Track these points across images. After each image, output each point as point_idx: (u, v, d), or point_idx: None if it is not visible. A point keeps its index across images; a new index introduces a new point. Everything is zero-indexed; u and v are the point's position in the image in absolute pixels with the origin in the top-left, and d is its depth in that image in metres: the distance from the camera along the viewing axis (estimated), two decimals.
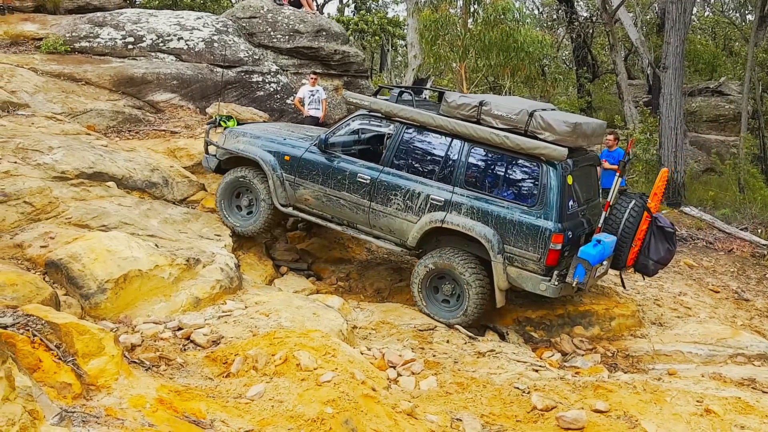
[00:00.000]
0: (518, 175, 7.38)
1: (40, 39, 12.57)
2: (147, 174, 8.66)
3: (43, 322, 4.37)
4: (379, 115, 8.03)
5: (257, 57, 13.64)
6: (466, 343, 7.00)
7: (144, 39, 13.01)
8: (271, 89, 13.36)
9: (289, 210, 8.36)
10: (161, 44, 13.04)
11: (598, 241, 7.10)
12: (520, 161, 7.30)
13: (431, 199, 7.52)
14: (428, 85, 18.82)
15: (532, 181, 7.23)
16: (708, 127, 21.75)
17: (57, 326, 4.37)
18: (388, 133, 8.05)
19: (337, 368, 5.20)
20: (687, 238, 12.54)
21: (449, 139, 7.61)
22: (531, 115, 7.21)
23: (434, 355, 6.55)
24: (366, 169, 7.91)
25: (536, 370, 6.34)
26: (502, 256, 7.22)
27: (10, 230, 6.77)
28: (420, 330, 7.13)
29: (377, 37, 24.46)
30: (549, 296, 7.22)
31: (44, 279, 6.09)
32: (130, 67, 12.26)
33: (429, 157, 7.79)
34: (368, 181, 7.83)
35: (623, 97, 21.26)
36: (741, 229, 13.40)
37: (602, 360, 7.11)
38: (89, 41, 12.74)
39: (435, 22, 13.81)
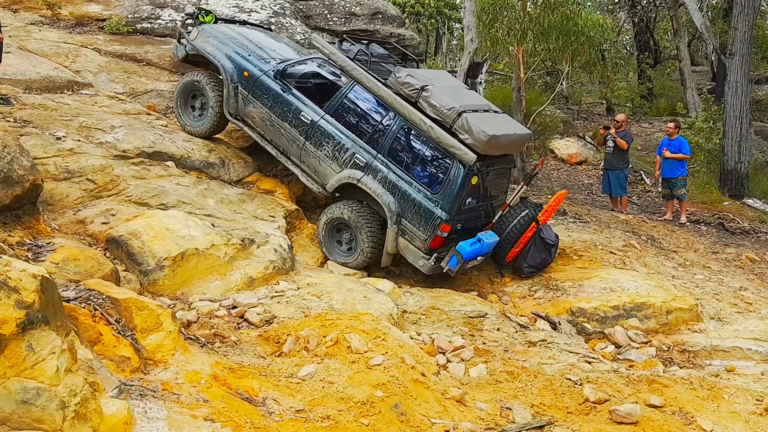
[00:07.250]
0: (434, 163, 7.96)
1: (104, 20, 12.83)
2: (204, 154, 8.79)
3: (104, 296, 4.50)
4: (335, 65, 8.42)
5: None
6: (516, 332, 6.93)
7: None
8: None
9: (236, 121, 8.82)
10: None
11: (479, 240, 7.88)
12: (439, 152, 7.83)
13: (356, 157, 8.10)
14: (484, 69, 18.55)
15: (443, 172, 7.82)
16: None
17: (117, 301, 4.49)
18: (340, 84, 8.49)
19: (387, 352, 5.23)
20: (749, 232, 12.11)
21: (388, 109, 8.08)
22: (459, 114, 7.66)
23: (484, 343, 6.51)
24: (310, 110, 8.36)
25: (589, 362, 6.23)
26: (397, 227, 7.92)
27: (74, 206, 6.98)
28: (470, 317, 7.09)
29: (433, 20, 24.20)
30: (424, 272, 7.99)
31: (105, 255, 6.26)
32: None
33: (366, 119, 8.28)
34: (308, 122, 8.32)
35: (686, 84, 20.63)
36: None
37: (657, 354, 6.93)
38: (150, 22, 12.97)
39: (493, 5, 13.50)
